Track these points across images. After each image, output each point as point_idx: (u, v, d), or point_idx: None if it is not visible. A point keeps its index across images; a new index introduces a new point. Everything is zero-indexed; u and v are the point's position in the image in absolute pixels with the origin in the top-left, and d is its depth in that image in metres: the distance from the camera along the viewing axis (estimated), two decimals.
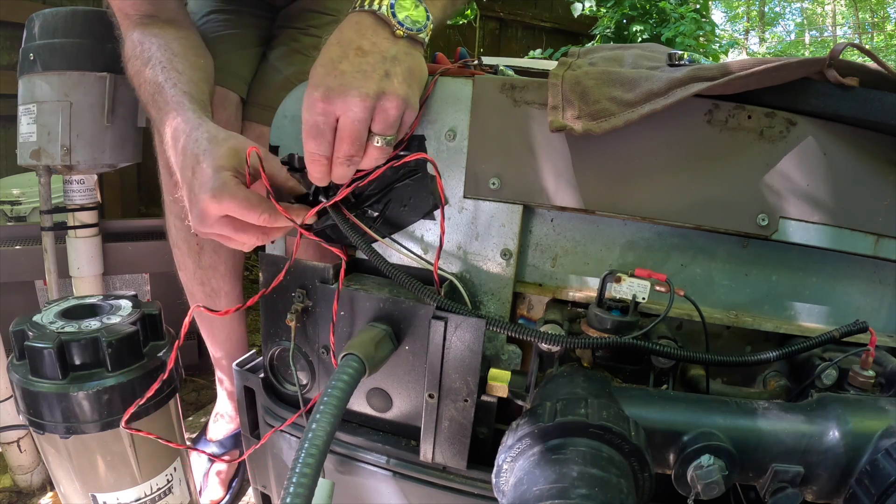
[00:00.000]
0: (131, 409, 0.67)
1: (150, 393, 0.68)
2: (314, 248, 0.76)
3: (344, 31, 0.61)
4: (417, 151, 0.67)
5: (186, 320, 0.64)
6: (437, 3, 0.66)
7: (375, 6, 0.60)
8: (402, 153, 0.66)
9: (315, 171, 0.61)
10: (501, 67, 0.81)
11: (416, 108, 0.62)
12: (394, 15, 0.60)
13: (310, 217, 0.65)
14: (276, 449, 0.78)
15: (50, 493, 1.19)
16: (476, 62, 0.74)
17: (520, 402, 0.63)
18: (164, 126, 0.74)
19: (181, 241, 1.11)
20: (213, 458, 1.01)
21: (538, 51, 3.76)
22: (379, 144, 0.60)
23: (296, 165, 0.68)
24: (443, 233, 0.66)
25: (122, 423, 0.67)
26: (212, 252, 1.11)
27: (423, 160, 0.67)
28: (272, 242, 0.77)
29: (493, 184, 0.67)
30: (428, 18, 0.62)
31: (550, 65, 1.00)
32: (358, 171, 0.63)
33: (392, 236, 0.71)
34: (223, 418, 1.29)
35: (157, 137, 1.04)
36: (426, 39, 0.63)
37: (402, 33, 0.60)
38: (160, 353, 0.75)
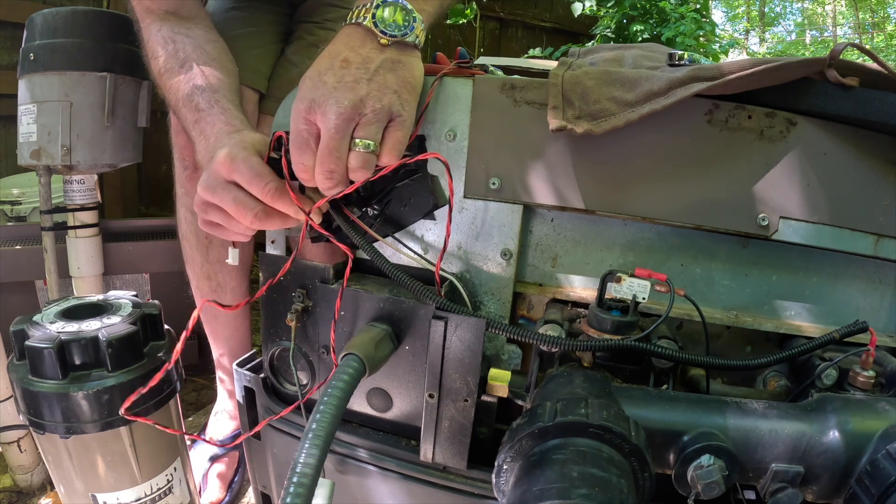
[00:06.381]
0: (132, 398, 0.66)
1: (152, 383, 0.67)
2: (317, 247, 0.76)
3: (335, 43, 0.62)
4: (418, 152, 0.67)
5: (195, 313, 0.63)
6: (430, 2, 0.66)
7: (361, 18, 0.61)
8: (407, 153, 0.66)
9: (303, 180, 0.62)
10: (491, 68, 0.81)
11: (409, 113, 0.62)
12: (376, 25, 0.60)
13: (316, 209, 0.64)
14: (276, 449, 0.78)
15: (50, 493, 1.19)
16: (470, 62, 0.74)
17: (520, 402, 0.63)
18: (204, 125, 0.75)
19: (191, 233, 1.12)
20: (214, 453, 1.01)
21: (537, 49, 3.76)
22: (357, 150, 0.59)
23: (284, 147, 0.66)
24: (448, 234, 0.65)
25: (122, 411, 0.66)
26: (220, 247, 1.11)
27: (424, 160, 0.66)
28: (272, 242, 0.77)
29: (494, 184, 0.67)
30: (413, 20, 0.62)
31: (548, 64, 1.00)
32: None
33: (393, 236, 0.71)
34: (223, 417, 1.29)
35: (172, 131, 1.05)
36: (418, 41, 0.63)
37: (386, 41, 0.61)
38: (160, 353, 0.75)
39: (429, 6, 0.65)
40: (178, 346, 0.67)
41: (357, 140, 0.59)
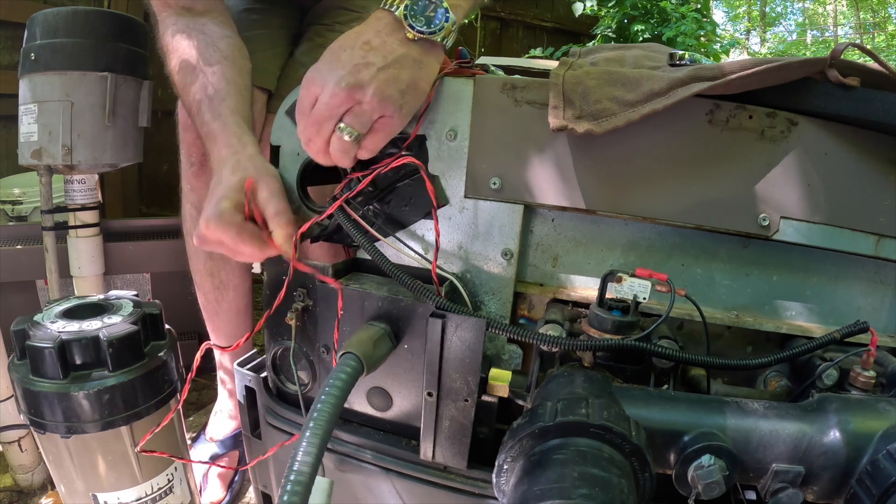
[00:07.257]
0: (147, 437, 0.68)
1: (164, 422, 0.69)
2: (320, 246, 0.76)
3: (366, 24, 0.62)
4: (418, 151, 0.67)
5: (198, 355, 0.65)
6: (462, 3, 0.64)
7: (393, 7, 0.60)
8: (401, 152, 0.66)
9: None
10: (492, 68, 0.81)
11: (402, 118, 0.61)
12: (406, 17, 0.60)
13: (300, 234, 0.66)
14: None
15: (51, 493, 1.19)
16: (470, 62, 0.74)
17: (520, 402, 0.63)
18: (210, 143, 0.76)
19: (195, 229, 1.12)
20: (212, 461, 1.01)
21: (538, 49, 3.76)
22: (340, 135, 0.59)
23: None
24: (437, 235, 0.67)
25: (139, 448, 0.69)
26: None
27: (425, 160, 0.67)
28: None
29: (494, 184, 0.67)
30: (446, 19, 0.61)
31: (549, 64, 1.00)
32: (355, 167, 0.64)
33: (394, 235, 0.71)
34: (224, 417, 1.29)
35: (180, 127, 1.05)
36: (446, 42, 0.62)
37: (413, 36, 0.60)
38: (161, 353, 0.75)
39: (465, 2, 0.64)
40: (185, 387, 0.69)
41: (342, 125, 0.59)
